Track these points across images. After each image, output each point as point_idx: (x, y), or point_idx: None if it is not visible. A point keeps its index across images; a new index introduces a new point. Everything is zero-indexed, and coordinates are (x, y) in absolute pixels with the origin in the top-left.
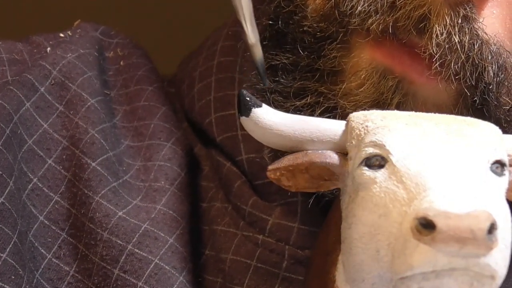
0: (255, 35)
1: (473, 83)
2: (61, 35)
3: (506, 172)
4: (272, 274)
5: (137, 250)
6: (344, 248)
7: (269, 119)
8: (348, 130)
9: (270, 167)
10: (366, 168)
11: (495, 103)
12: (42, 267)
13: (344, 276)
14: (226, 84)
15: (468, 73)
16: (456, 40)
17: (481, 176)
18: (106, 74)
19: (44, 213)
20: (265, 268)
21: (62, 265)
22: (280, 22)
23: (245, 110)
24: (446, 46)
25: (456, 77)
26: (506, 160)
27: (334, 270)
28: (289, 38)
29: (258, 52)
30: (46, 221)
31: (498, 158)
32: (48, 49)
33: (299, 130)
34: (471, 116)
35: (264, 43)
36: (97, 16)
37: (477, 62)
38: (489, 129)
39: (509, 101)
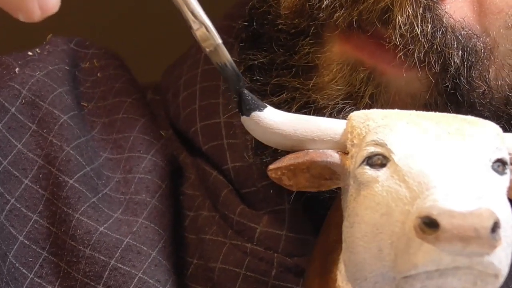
0: (200, 19)
1: (439, 70)
2: (30, 53)
3: (508, 171)
4: (261, 283)
5: (120, 265)
6: (346, 247)
7: (270, 119)
8: (349, 129)
9: (271, 167)
10: (367, 167)
11: (467, 87)
12: (24, 287)
13: (345, 275)
14: (210, 92)
15: (432, 61)
16: (419, 30)
17: (483, 175)
18: (83, 86)
19: (24, 233)
20: (254, 276)
21: (44, 284)
22: (255, 24)
23: (246, 109)
24: (409, 36)
25: (422, 65)
26: (507, 158)
27: (336, 269)
28: (264, 38)
29: (212, 35)
30: (26, 241)
31: (499, 156)
32: (17, 69)
33: (300, 129)
34: (446, 101)
35: (241, 44)
36: (81, 26)
37: (440, 49)
38: (490, 127)
39: (482, 84)
